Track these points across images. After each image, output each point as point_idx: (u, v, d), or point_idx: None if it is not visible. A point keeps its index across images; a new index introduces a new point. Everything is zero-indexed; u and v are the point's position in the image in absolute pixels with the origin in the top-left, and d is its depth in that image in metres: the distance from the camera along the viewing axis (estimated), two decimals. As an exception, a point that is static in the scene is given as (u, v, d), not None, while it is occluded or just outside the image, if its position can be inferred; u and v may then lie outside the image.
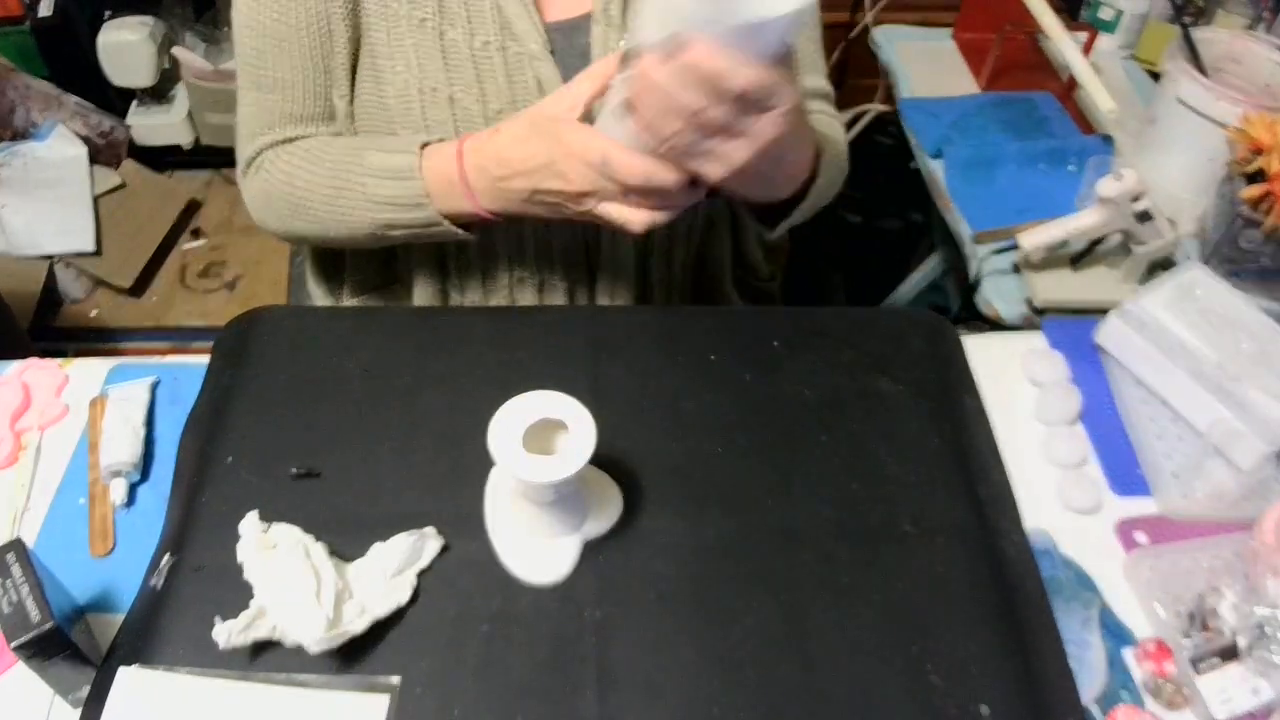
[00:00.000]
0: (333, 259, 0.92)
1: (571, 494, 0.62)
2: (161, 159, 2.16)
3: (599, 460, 0.60)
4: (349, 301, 0.92)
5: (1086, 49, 1.21)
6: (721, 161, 0.59)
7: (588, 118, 0.66)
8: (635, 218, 0.65)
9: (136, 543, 0.66)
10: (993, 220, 1.07)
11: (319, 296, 0.95)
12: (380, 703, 0.56)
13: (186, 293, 2.01)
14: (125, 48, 1.97)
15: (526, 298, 0.86)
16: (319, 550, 0.60)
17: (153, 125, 2.11)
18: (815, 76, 0.85)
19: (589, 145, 0.63)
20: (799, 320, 0.80)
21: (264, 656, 0.58)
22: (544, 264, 0.85)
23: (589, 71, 0.67)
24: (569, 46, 0.77)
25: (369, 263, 0.89)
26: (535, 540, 0.63)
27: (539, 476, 0.56)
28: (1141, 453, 0.74)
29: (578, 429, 0.58)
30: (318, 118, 0.79)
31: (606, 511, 0.65)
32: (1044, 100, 1.23)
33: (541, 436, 0.60)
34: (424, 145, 0.73)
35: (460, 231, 0.74)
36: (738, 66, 0.53)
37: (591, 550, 0.64)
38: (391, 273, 0.89)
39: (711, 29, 0.52)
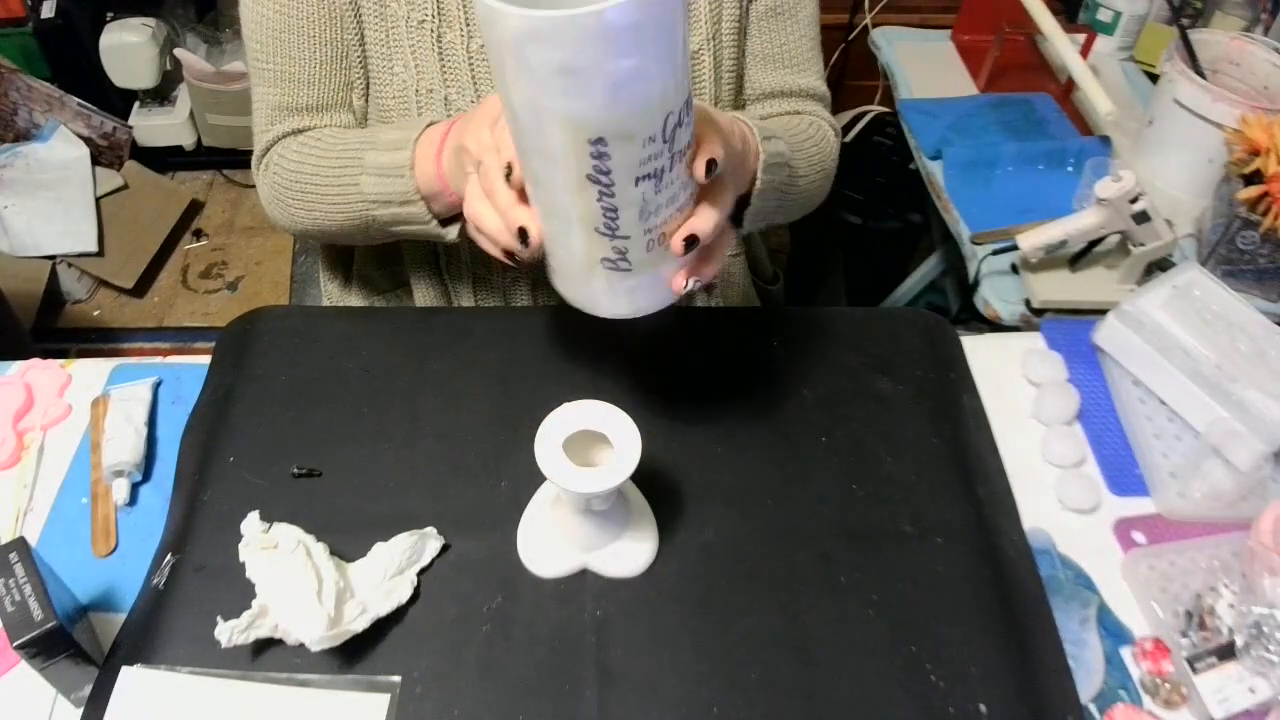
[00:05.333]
0: (343, 262, 0.92)
1: (607, 510, 0.61)
2: (163, 160, 2.16)
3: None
4: (357, 303, 0.92)
5: (1085, 50, 1.21)
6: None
7: None
8: (485, 237, 0.62)
9: (138, 542, 0.67)
10: (991, 221, 1.07)
11: (333, 293, 0.94)
12: (380, 702, 0.56)
13: (188, 293, 2.01)
14: (127, 49, 1.97)
15: (522, 298, 0.86)
16: (320, 550, 0.60)
17: (155, 126, 2.11)
18: (811, 77, 0.85)
19: (492, 109, 0.61)
20: (799, 320, 0.80)
21: (265, 656, 0.59)
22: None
23: None
24: None
25: (376, 268, 0.90)
26: (562, 548, 0.63)
27: (576, 485, 0.56)
28: (1139, 453, 0.74)
29: (623, 442, 0.57)
30: (328, 108, 0.79)
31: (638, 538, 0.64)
32: (1042, 101, 1.24)
33: (589, 445, 0.59)
34: (426, 128, 0.70)
35: (447, 232, 0.72)
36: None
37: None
38: (398, 277, 0.90)
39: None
